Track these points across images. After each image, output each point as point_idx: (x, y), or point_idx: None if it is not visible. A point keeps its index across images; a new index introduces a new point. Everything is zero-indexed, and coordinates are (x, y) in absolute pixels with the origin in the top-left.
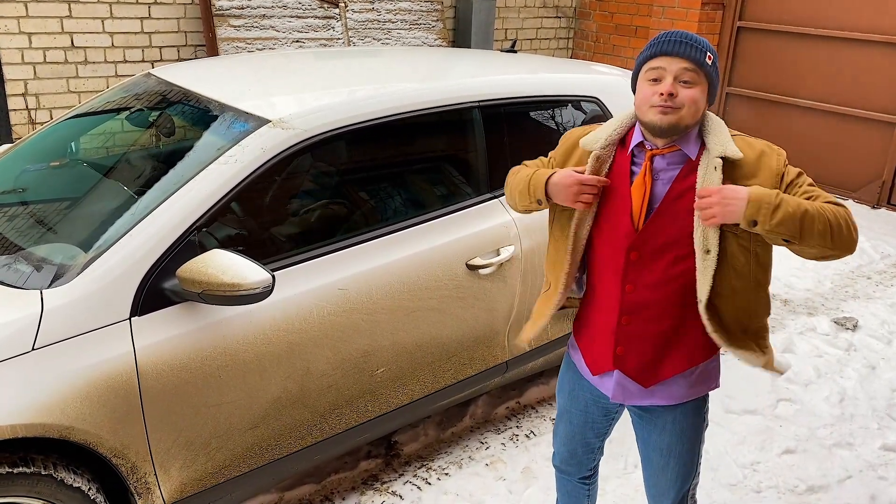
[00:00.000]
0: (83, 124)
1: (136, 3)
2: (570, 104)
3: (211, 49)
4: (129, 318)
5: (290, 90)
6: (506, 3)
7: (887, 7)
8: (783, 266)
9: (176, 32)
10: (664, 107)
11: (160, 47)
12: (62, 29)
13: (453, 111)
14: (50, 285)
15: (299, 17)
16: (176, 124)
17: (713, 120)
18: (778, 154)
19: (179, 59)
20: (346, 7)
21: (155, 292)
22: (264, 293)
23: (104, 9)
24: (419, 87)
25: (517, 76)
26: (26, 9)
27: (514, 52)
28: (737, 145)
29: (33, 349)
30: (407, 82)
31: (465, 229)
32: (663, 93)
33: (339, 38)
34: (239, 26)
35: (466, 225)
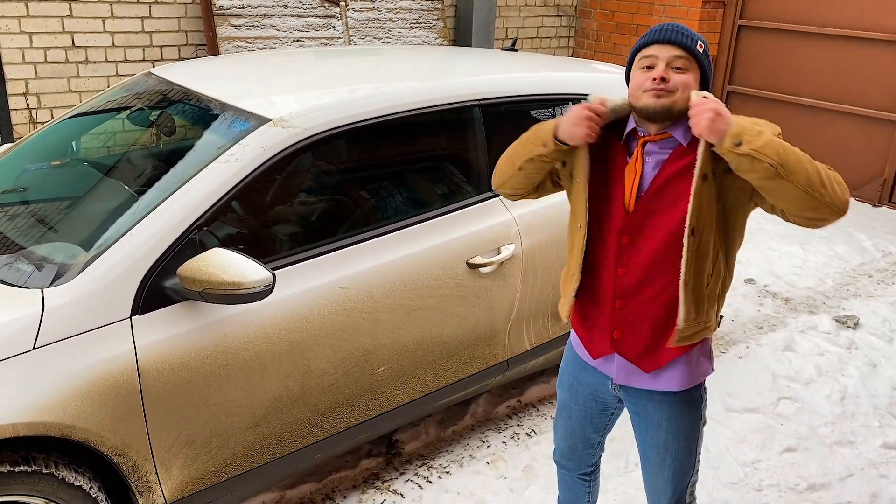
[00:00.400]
0: (84, 124)
1: (137, 2)
2: (570, 102)
3: (212, 48)
4: (130, 317)
5: (290, 89)
6: (506, 2)
7: (888, 5)
8: (784, 264)
9: (177, 32)
10: (657, 90)
11: (161, 47)
12: (63, 28)
13: (454, 110)
14: (51, 284)
15: (300, 17)
16: (176, 123)
17: None
18: (772, 129)
19: (180, 59)
20: (346, 6)
21: (156, 291)
22: (265, 292)
23: (105, 8)
24: (420, 86)
25: (518, 75)
26: (27, 8)
27: (515, 50)
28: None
29: (34, 348)
30: (407, 81)
31: (466, 228)
32: (656, 77)
33: (339, 38)
34: (239, 25)
35: (467, 223)
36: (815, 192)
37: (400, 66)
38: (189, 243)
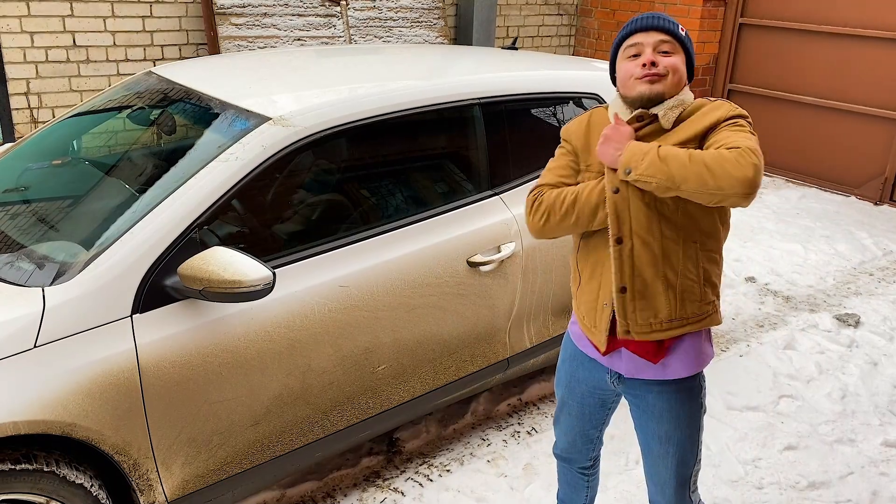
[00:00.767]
0: (84, 123)
1: (138, 2)
2: (571, 101)
3: (212, 47)
4: (131, 316)
5: (290, 88)
6: (507, 1)
7: (890, 3)
8: (785, 263)
9: (177, 31)
10: (650, 75)
11: (162, 46)
12: (64, 28)
13: (454, 108)
14: (52, 283)
15: (301, 16)
16: (177, 122)
17: (688, 92)
18: (729, 110)
19: (181, 58)
20: (347, 5)
21: (156, 290)
22: (265, 290)
23: (106, 8)
24: (420, 85)
25: (518, 73)
26: (28, 8)
27: (516, 49)
28: (698, 102)
29: (35, 346)
30: (408, 80)
31: (466, 226)
32: (645, 63)
33: (340, 36)
34: (240, 25)
35: (467, 222)
36: (710, 188)
37: (400, 65)
38: (189, 242)
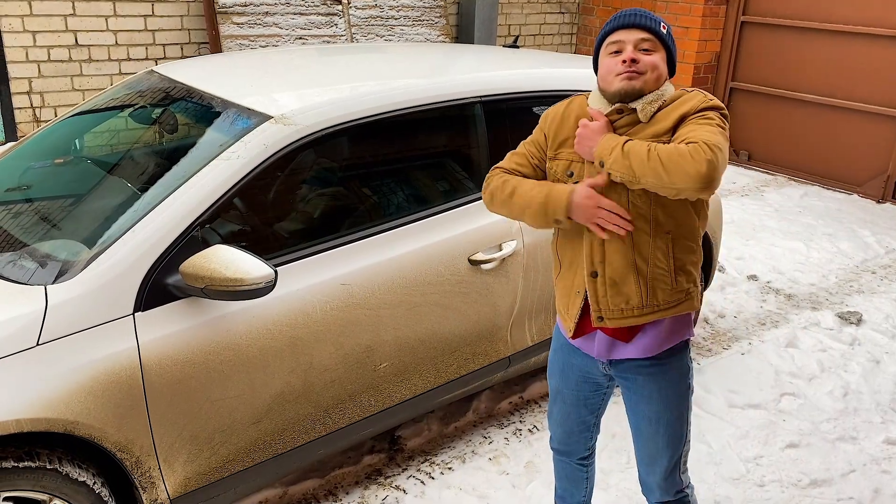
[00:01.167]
0: (87, 122)
1: (140, 1)
2: None
3: (214, 46)
4: (133, 314)
5: (292, 86)
6: None
7: (891, 1)
8: (787, 261)
9: (179, 30)
10: (629, 72)
11: (164, 45)
12: (66, 27)
13: (455, 107)
14: (54, 281)
15: (302, 14)
16: (179, 121)
17: (668, 86)
18: (700, 102)
19: (183, 57)
20: (348, 4)
21: (158, 288)
22: (267, 288)
23: (108, 7)
24: (421, 83)
25: (519, 71)
26: (30, 7)
27: (517, 47)
28: (675, 94)
29: (38, 344)
30: (409, 78)
31: (468, 224)
32: (626, 60)
33: (342, 35)
34: (242, 24)
35: (468, 220)
36: (665, 183)
37: (402, 64)
38: (191, 240)
